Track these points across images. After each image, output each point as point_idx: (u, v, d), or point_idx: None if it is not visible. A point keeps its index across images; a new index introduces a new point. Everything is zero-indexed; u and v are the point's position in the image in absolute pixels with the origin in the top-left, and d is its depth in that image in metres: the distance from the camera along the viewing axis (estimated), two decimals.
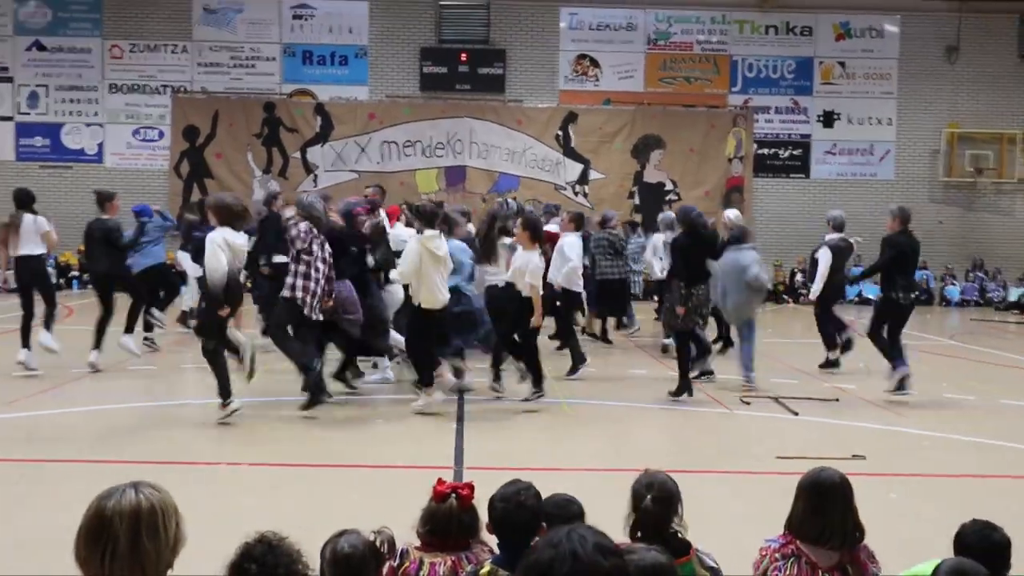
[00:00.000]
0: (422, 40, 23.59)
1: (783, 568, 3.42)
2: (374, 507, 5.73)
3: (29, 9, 23.01)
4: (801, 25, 24.30)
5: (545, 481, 3.60)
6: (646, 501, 3.36)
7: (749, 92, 24.27)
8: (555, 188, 23.69)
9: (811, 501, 3.47)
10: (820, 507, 3.45)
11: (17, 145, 23.15)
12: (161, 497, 2.35)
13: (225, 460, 7.60)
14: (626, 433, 9.20)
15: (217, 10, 23.29)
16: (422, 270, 9.02)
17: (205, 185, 23.07)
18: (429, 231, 9.16)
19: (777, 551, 3.48)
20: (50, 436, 8.39)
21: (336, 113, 23.35)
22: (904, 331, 11.37)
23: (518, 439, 8.66)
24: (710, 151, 23.99)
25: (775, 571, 3.42)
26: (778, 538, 3.54)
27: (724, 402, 10.31)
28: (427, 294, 9.10)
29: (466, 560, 3.36)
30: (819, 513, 3.44)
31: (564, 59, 23.99)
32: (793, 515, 3.53)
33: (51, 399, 9.82)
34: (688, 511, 6.25)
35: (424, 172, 23.57)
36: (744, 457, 8.18)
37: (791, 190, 24.37)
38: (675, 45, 24.17)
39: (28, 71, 23.10)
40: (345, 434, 8.91)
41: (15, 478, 7.02)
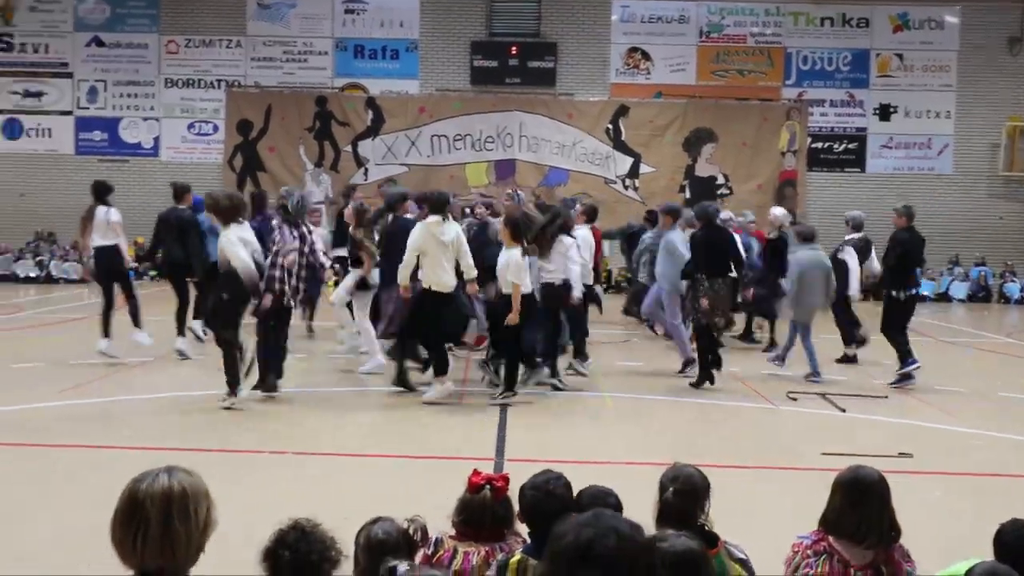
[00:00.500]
0: (473, 34, 23.62)
1: (815, 564, 3.38)
2: (412, 496, 5.77)
3: (88, 6, 23.45)
4: (858, 17, 23.90)
5: (585, 474, 3.64)
6: (667, 493, 3.36)
7: (803, 85, 23.93)
8: (605, 182, 23.59)
9: (848, 498, 3.43)
10: (857, 504, 3.40)
11: (77, 139, 23.63)
12: (193, 481, 2.38)
13: (268, 448, 7.70)
14: (670, 428, 9.16)
15: (271, 5, 23.54)
16: (429, 254, 9.31)
17: (258, 178, 23.34)
18: (433, 216, 9.42)
19: (809, 547, 3.45)
20: (102, 422, 8.57)
21: (387, 107, 23.48)
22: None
23: (560, 432, 8.66)
24: (763, 145, 23.71)
25: (807, 567, 3.38)
26: (811, 534, 3.50)
27: (770, 398, 10.21)
28: (434, 277, 9.37)
29: (499, 550, 3.39)
30: (855, 510, 3.39)
31: (615, 52, 23.86)
32: (828, 511, 3.48)
33: (112, 386, 10.02)
34: (730, 506, 6.21)
35: (474, 166, 23.61)
36: (789, 453, 8.11)
37: (846, 184, 24.00)
38: (728, 38, 23.91)
39: (87, 66, 23.55)
40: (389, 424, 8.99)
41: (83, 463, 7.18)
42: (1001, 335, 17.37)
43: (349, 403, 9.71)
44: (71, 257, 22.78)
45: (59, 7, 23.44)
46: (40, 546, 5.29)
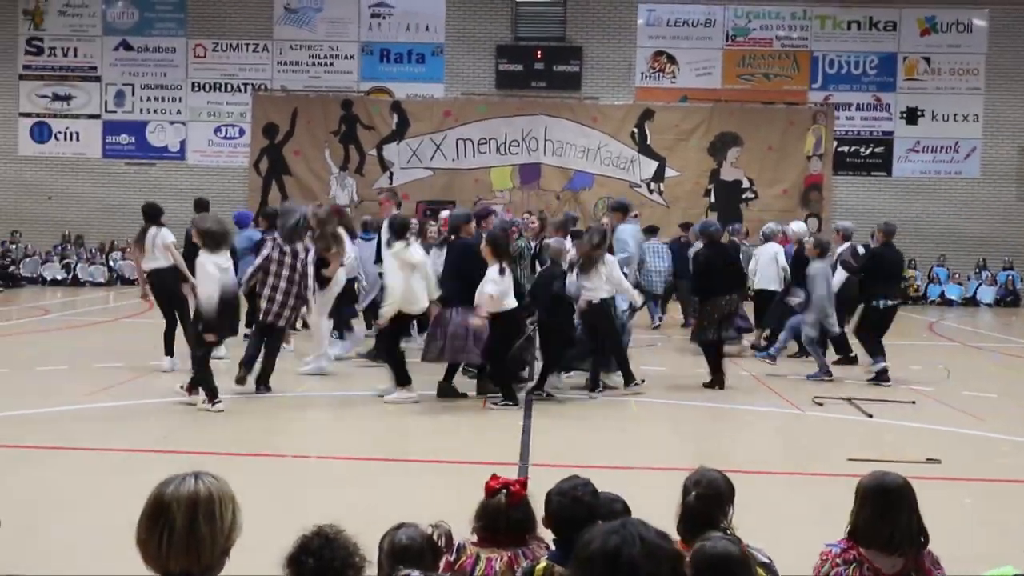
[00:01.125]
0: (498, 38, 23.64)
1: (845, 573, 3.34)
2: (436, 501, 5.76)
3: (117, 10, 23.67)
4: (885, 20, 23.73)
5: (610, 479, 3.60)
6: (690, 496, 3.37)
7: (829, 88, 23.80)
8: (630, 186, 23.53)
9: (876, 506, 3.38)
10: (885, 513, 3.35)
11: (104, 142, 23.83)
12: (219, 486, 2.40)
13: (292, 452, 7.72)
14: (695, 432, 9.12)
15: (298, 9, 23.66)
16: (402, 279, 9.52)
17: (283, 182, 23.47)
18: (397, 243, 9.61)
19: (839, 556, 3.40)
20: (128, 425, 8.62)
21: (412, 111, 23.54)
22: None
23: (584, 437, 8.63)
24: (788, 149, 23.59)
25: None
26: (839, 542, 3.46)
27: (796, 403, 10.15)
28: (403, 301, 9.53)
29: (523, 556, 3.34)
30: (884, 519, 3.35)
31: (641, 56, 23.82)
32: (857, 521, 3.44)
33: (137, 389, 10.08)
34: (756, 512, 6.16)
35: (499, 170, 23.62)
36: (815, 459, 8.05)
37: (872, 188, 23.84)
38: (754, 41, 23.82)
39: (115, 70, 23.76)
40: (413, 428, 9.00)
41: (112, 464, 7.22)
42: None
43: (372, 408, 9.72)
44: (98, 260, 22.99)
45: (88, 11, 23.67)
46: (67, 546, 5.32)
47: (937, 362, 13.28)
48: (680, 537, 3.21)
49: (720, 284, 10.82)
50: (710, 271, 10.91)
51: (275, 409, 9.52)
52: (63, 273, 22.75)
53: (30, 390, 9.95)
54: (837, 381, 11.41)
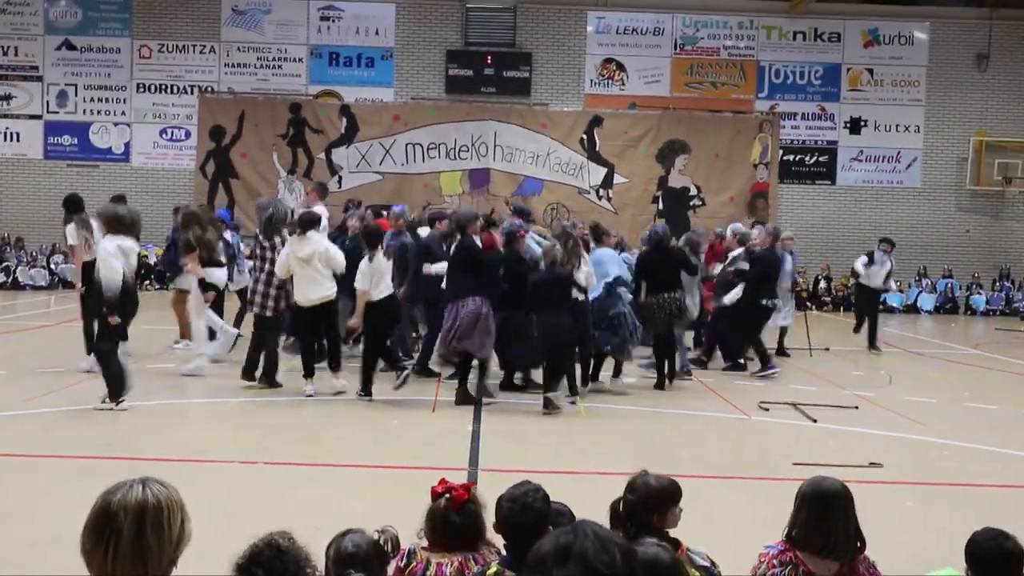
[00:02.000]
0: (448, 43, 23.64)
1: (780, 574, 3.39)
2: (385, 507, 5.74)
3: (59, 9, 23.23)
4: (829, 31, 24.15)
5: (559, 484, 3.62)
6: (623, 498, 3.44)
7: (776, 98, 24.13)
8: (579, 192, 23.65)
9: (813, 511, 3.43)
10: (822, 518, 3.41)
11: (46, 144, 23.37)
12: (168, 494, 2.34)
13: (240, 458, 7.64)
14: (643, 438, 9.18)
15: (245, 11, 23.43)
16: (296, 271, 10.06)
17: (230, 185, 23.21)
18: (294, 237, 10.23)
19: (775, 557, 3.46)
20: (70, 431, 8.46)
21: (361, 114, 23.42)
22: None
23: (534, 442, 8.64)
24: (735, 157, 23.88)
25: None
26: (777, 544, 3.52)
27: (743, 408, 10.26)
28: (297, 293, 10.13)
29: (473, 561, 3.34)
30: (821, 524, 3.40)
31: (590, 63, 23.96)
32: (794, 525, 3.49)
33: (79, 394, 9.88)
34: (700, 515, 6.22)
35: (448, 174, 23.60)
36: (760, 463, 8.14)
37: (817, 197, 24.22)
38: (702, 50, 24.08)
39: (57, 70, 23.31)
40: (362, 434, 8.94)
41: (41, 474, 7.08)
42: (968, 347, 17.55)
43: (319, 412, 9.66)
44: (39, 263, 22.53)
45: (29, 9, 23.21)
46: (5, 556, 5.21)
47: (879, 368, 13.53)
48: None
49: (661, 283, 11.18)
50: (655, 272, 11.27)
51: (223, 414, 9.42)
52: (2, 276, 22.25)
53: None
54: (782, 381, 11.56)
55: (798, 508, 3.48)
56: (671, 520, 3.48)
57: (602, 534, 1.91)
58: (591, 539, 1.89)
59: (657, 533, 3.39)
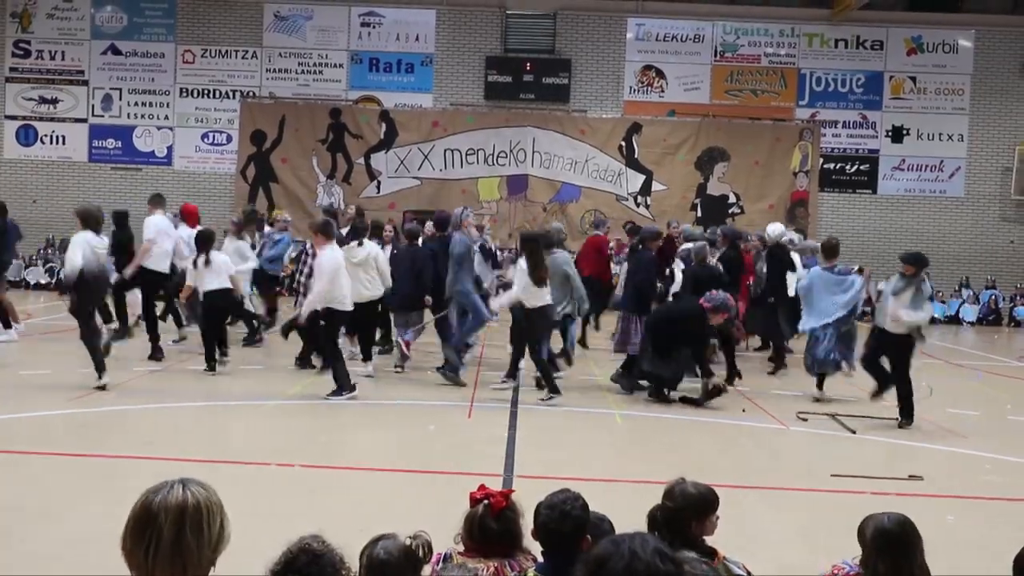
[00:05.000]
0: (488, 49, 23.70)
1: None
2: (420, 512, 5.76)
3: (105, 14, 23.60)
4: (872, 39, 23.92)
5: (596, 492, 3.61)
6: (660, 505, 3.45)
7: (816, 106, 23.95)
8: (616, 199, 23.60)
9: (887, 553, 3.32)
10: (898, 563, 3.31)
11: (91, 147, 23.73)
12: (207, 495, 2.36)
13: (275, 460, 7.69)
14: (679, 446, 9.11)
15: (287, 17, 23.66)
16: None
17: (270, 189, 23.42)
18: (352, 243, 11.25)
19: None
20: (112, 431, 8.57)
21: (400, 120, 23.54)
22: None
23: (570, 449, 8.63)
24: (775, 165, 23.71)
25: None
26: (855, 566, 3.44)
27: (781, 419, 10.18)
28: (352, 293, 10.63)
29: (509, 567, 3.32)
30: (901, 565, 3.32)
31: (630, 70, 23.91)
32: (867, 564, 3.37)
33: (121, 394, 10.00)
34: (739, 525, 6.17)
35: (486, 180, 23.64)
36: (799, 474, 8.07)
37: (857, 205, 23.99)
38: (742, 57, 23.96)
39: (103, 74, 23.67)
40: (396, 438, 8.98)
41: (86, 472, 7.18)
42: (1011, 359, 17.29)
43: (355, 416, 9.71)
44: None
45: (76, 15, 23.60)
46: (51, 553, 5.29)
47: (920, 380, 13.34)
48: None
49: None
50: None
51: (260, 416, 9.49)
52: (47, 277, 22.61)
53: (13, 395, 9.87)
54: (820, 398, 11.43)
55: (871, 552, 3.37)
56: (708, 528, 3.47)
57: (643, 557, 1.90)
58: (625, 560, 1.88)
59: (694, 541, 3.39)
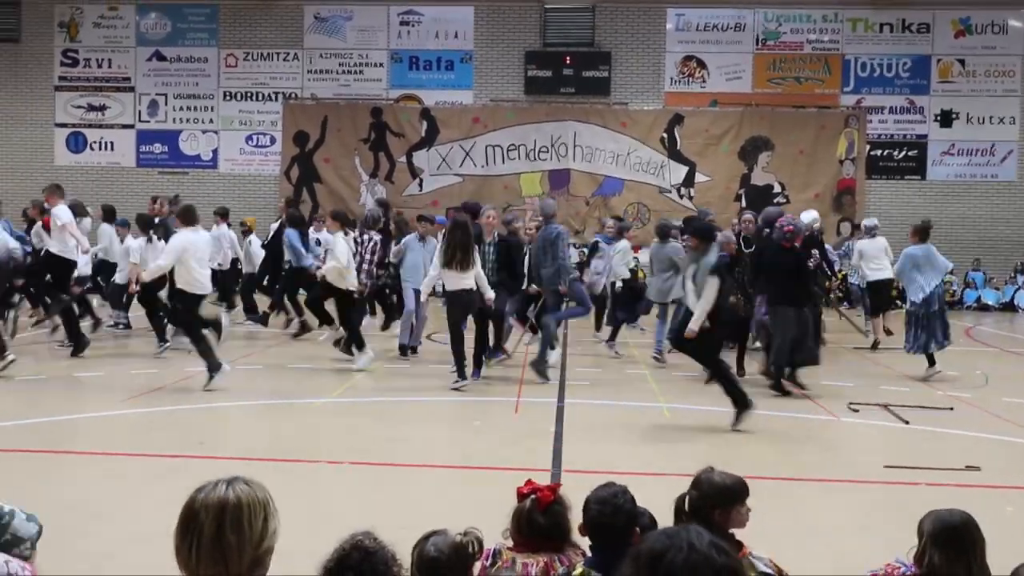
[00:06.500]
0: (527, 44, 23.65)
1: None
2: (469, 507, 5.77)
3: (150, 21, 23.92)
4: (918, 22, 23.50)
5: (641, 485, 3.59)
6: (689, 492, 3.42)
7: (862, 92, 23.59)
8: (659, 191, 23.45)
9: (947, 551, 3.26)
10: (958, 558, 3.26)
11: (138, 152, 24.08)
12: (251, 492, 2.37)
13: (324, 458, 7.73)
14: (728, 439, 9.01)
15: (327, 18, 23.80)
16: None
17: (314, 189, 23.59)
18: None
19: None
20: (168, 431, 8.67)
21: (441, 117, 23.59)
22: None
23: (616, 443, 8.57)
24: (820, 153, 23.40)
25: None
26: (911, 566, 3.37)
27: (831, 409, 10.04)
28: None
29: (558, 562, 3.33)
30: (959, 563, 3.26)
31: (670, 61, 23.73)
32: (921, 562, 3.31)
33: (174, 395, 10.14)
34: (792, 519, 6.09)
35: (528, 175, 23.61)
36: (851, 466, 7.95)
37: (906, 192, 23.60)
38: (785, 45, 23.67)
39: (148, 80, 24.00)
40: (444, 434, 8.99)
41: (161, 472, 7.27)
42: None
43: (402, 412, 9.75)
44: None
45: (122, 22, 23.94)
46: (106, 552, 5.35)
47: (975, 368, 13.10)
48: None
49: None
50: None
51: (309, 414, 9.55)
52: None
53: (68, 396, 10.06)
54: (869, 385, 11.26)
55: (926, 548, 3.31)
56: (736, 519, 3.43)
57: (700, 548, 1.87)
58: (684, 553, 1.85)
59: (719, 532, 3.32)
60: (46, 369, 11.56)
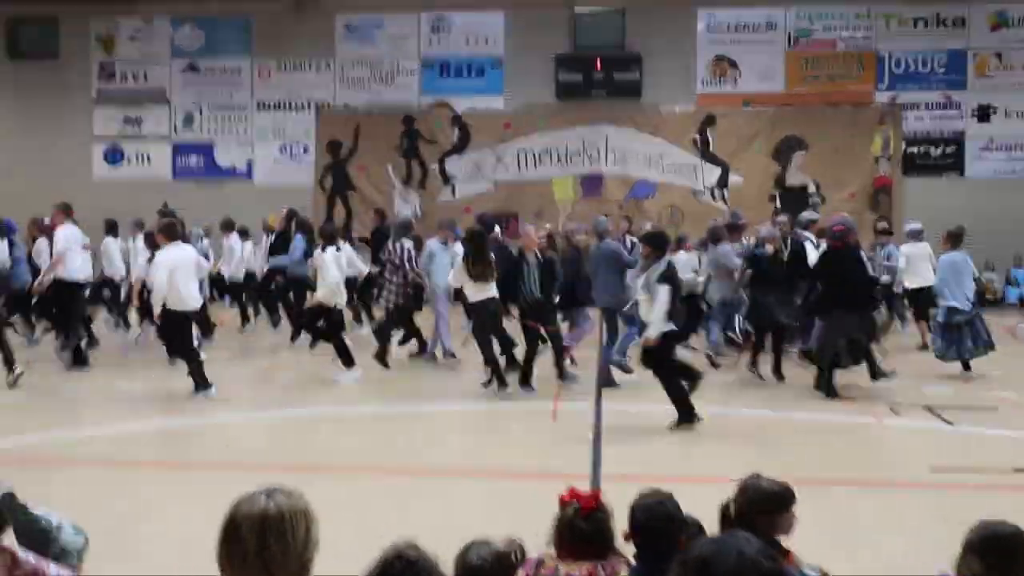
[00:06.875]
0: (557, 48, 23.59)
1: None
2: (509, 516, 5.71)
3: (184, 33, 24.15)
4: (953, 16, 23.20)
5: (682, 491, 3.53)
6: (731, 500, 3.41)
7: (896, 88, 23.30)
8: (693, 193, 23.29)
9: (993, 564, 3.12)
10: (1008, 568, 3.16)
11: (174, 164, 24.30)
12: (291, 503, 2.39)
13: (366, 468, 7.73)
14: (767, 443, 8.91)
15: (358, 27, 23.91)
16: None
17: (348, 198, 23.69)
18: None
19: None
20: (204, 443, 8.72)
21: (473, 124, 23.58)
22: None
23: (655, 448, 8.52)
24: (855, 151, 23.13)
25: None
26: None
27: (872, 411, 9.91)
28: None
29: (602, 569, 3.29)
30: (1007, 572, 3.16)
31: (701, 61, 23.58)
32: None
33: (207, 406, 10.19)
34: (837, 524, 6.00)
35: (560, 180, 23.50)
36: (894, 469, 7.86)
37: (944, 189, 23.24)
38: (817, 43, 23.44)
39: (183, 93, 24.21)
40: (482, 441, 8.97)
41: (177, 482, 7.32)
42: None
43: (440, 421, 9.74)
44: None
45: (157, 36, 24.17)
46: (157, 562, 5.38)
47: (1021, 368, 12.89)
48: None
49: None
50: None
51: (349, 423, 9.57)
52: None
53: (107, 407, 10.15)
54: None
55: (967, 556, 3.18)
56: (782, 526, 3.41)
57: (748, 554, 1.87)
58: (733, 558, 1.85)
59: (765, 538, 3.23)
60: (85, 378, 11.67)
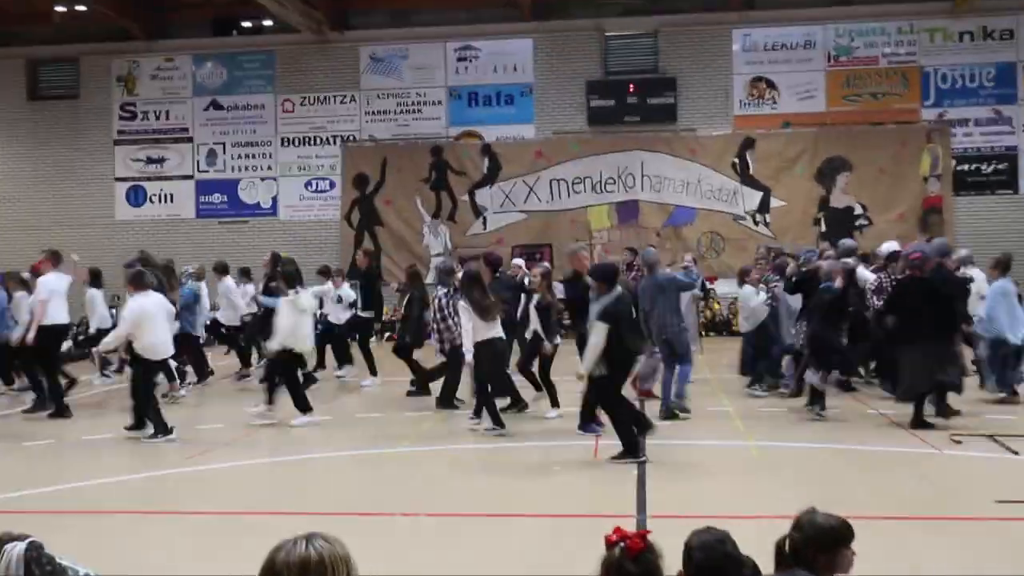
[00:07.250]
0: (588, 73, 22.96)
1: None
2: (554, 556, 5.63)
3: (206, 70, 23.83)
4: (1000, 28, 22.29)
5: (733, 529, 3.18)
6: (790, 534, 3.30)
7: (944, 105, 22.38)
8: (734, 219, 22.45)
9: None
10: None
11: (198, 202, 23.87)
12: (332, 549, 2.36)
13: (402, 511, 7.25)
14: (822, 477, 8.20)
15: (383, 58, 23.43)
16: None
17: (376, 233, 23.10)
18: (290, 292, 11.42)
19: None
20: (233, 487, 8.38)
21: (503, 153, 22.96)
22: None
23: (703, 484, 7.94)
24: (902, 171, 22.21)
25: None
26: None
27: (931, 441, 9.11)
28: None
29: None
30: None
31: (738, 83, 22.82)
32: None
33: (238, 450, 9.81)
34: (899, 560, 5.38)
35: (596, 209, 22.82)
36: (958, 501, 7.23)
37: (998, 207, 22.24)
38: (859, 60, 22.62)
39: (206, 130, 23.84)
40: (523, 482, 8.41)
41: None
42: None
43: (479, 460, 9.19)
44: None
45: (178, 73, 23.88)
46: None
47: None
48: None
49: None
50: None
51: (384, 465, 9.11)
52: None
53: (132, 455, 9.84)
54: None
55: None
56: (841, 563, 3.31)
57: None
58: None
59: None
60: (103, 425, 11.16)
